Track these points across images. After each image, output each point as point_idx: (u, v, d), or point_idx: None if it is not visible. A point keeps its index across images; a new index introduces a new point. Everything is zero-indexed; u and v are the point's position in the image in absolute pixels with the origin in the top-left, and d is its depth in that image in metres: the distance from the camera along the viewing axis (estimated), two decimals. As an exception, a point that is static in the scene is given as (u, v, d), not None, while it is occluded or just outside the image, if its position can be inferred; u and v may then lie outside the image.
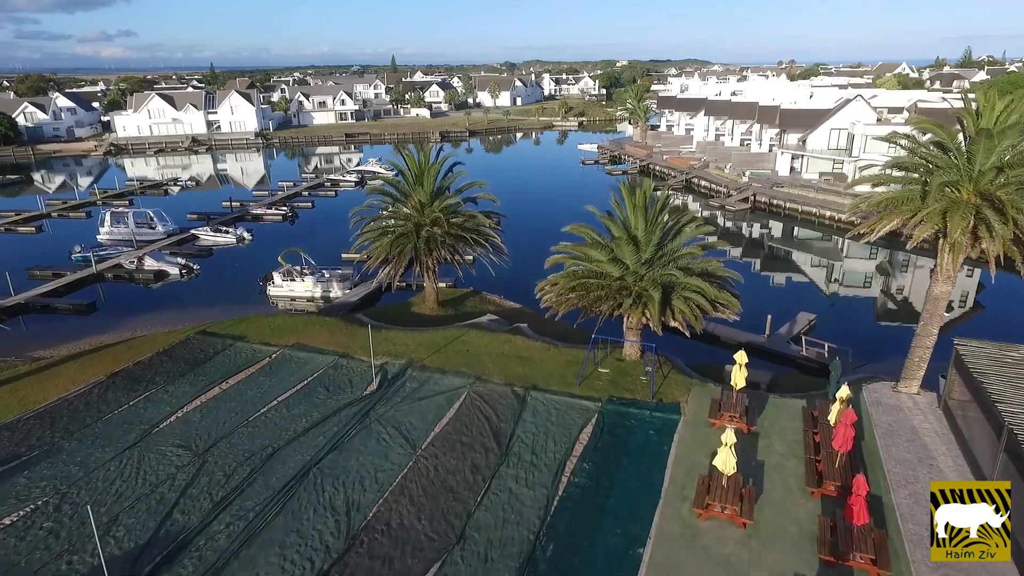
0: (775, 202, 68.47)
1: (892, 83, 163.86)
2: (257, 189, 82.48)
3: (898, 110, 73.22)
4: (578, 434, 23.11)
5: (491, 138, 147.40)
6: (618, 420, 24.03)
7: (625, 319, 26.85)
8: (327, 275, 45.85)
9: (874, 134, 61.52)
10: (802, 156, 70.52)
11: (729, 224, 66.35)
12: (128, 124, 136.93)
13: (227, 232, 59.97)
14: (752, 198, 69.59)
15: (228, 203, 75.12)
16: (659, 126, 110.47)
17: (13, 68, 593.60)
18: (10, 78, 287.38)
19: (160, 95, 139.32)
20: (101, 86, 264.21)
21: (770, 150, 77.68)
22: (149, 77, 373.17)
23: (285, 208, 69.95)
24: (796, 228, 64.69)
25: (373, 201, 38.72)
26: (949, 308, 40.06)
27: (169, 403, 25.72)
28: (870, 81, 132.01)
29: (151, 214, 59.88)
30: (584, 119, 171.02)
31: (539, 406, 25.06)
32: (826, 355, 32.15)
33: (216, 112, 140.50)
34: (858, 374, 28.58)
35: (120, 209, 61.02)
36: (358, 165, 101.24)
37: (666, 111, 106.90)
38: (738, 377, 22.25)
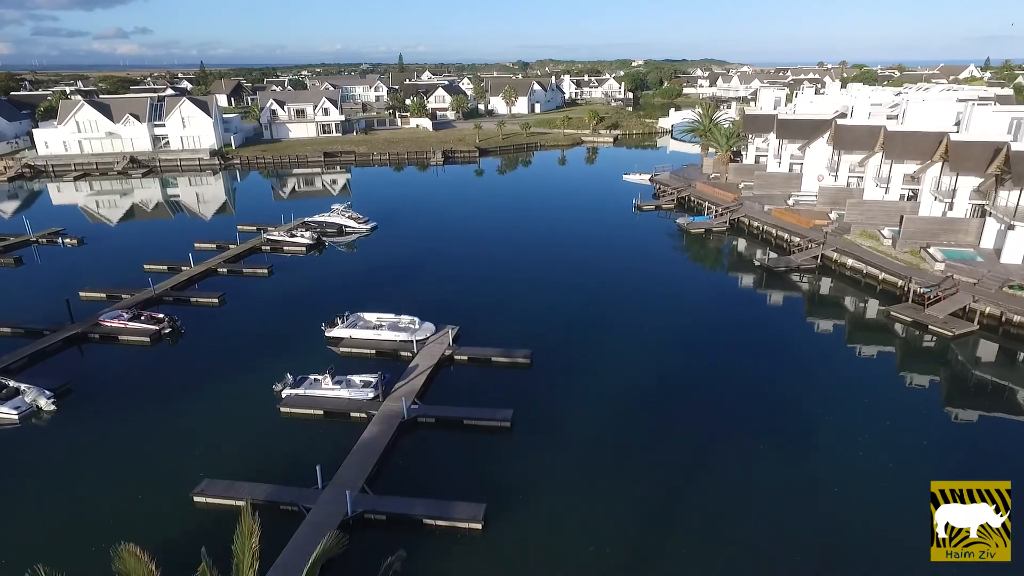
0: (1016, 319, 38.65)
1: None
2: (152, 261, 53.44)
3: None
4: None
5: (506, 157, 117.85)
6: None
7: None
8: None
9: None
10: (1060, 236, 40.60)
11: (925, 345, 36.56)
12: (52, 139, 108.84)
13: None
14: (973, 311, 39.78)
15: (90, 293, 46.54)
16: (741, 156, 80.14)
17: (31, 65, 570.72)
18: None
19: (92, 103, 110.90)
20: (79, 86, 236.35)
21: (973, 214, 47.85)
22: (155, 74, 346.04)
23: (162, 319, 40.73)
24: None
25: None
26: None
27: None
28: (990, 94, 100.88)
29: None
30: (618, 132, 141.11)
31: None
32: None
33: (164, 124, 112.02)
34: None
35: None
36: (342, 202, 70.42)
37: (752, 135, 76.46)
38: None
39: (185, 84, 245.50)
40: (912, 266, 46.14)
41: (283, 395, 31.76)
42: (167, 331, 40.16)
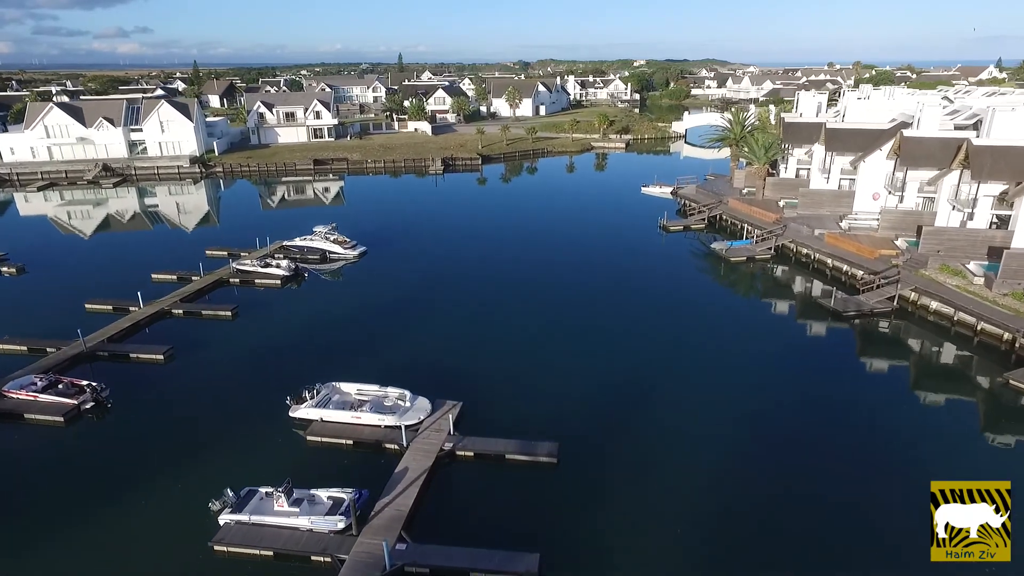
0: None
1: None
2: (96, 299, 44.86)
3: None
4: None
5: (511, 165, 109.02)
6: None
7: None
8: None
9: None
10: None
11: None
12: (18, 145, 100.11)
13: None
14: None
15: (7, 346, 37.91)
16: (778, 169, 71.15)
17: (31, 64, 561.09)
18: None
19: (62, 106, 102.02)
20: (68, 85, 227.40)
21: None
22: (152, 74, 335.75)
23: (84, 387, 32.02)
24: None
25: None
26: None
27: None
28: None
29: None
30: (630, 137, 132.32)
31: None
32: None
33: (141, 129, 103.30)
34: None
35: None
36: (327, 221, 60.68)
37: (791, 146, 67.47)
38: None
39: (179, 84, 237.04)
40: (1020, 314, 37.44)
41: (220, 522, 23.04)
42: (88, 405, 31.41)
